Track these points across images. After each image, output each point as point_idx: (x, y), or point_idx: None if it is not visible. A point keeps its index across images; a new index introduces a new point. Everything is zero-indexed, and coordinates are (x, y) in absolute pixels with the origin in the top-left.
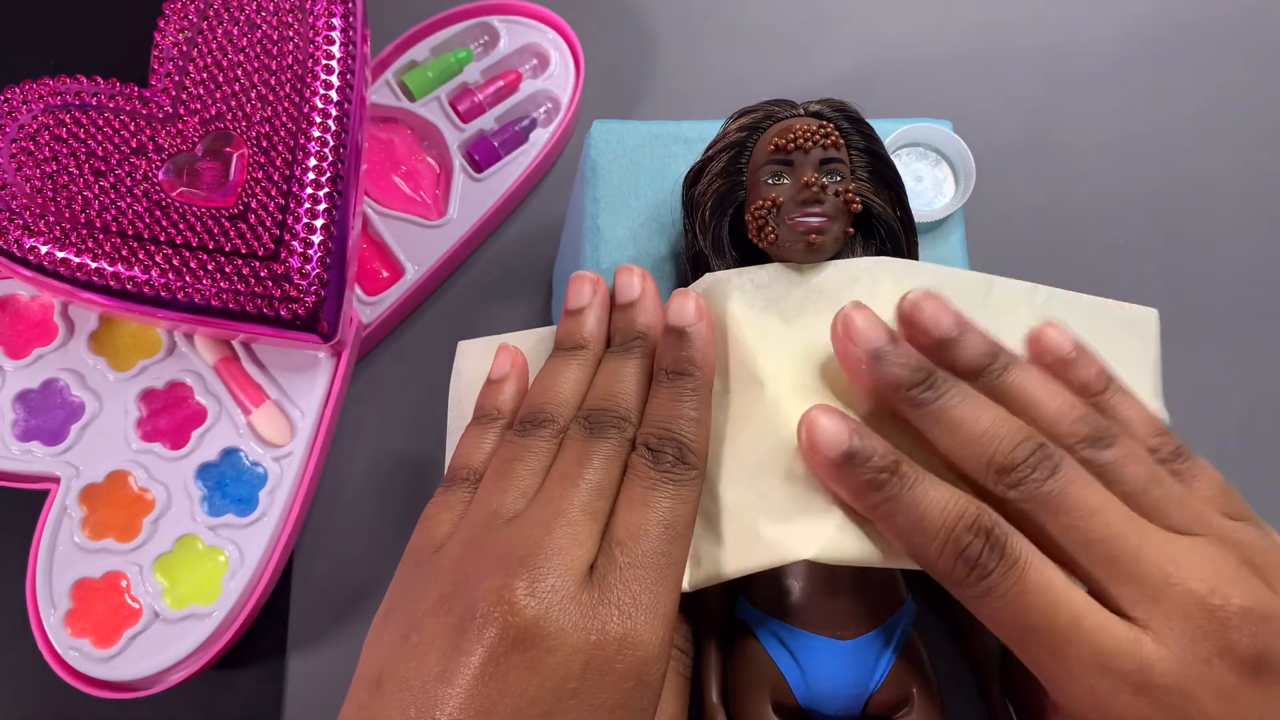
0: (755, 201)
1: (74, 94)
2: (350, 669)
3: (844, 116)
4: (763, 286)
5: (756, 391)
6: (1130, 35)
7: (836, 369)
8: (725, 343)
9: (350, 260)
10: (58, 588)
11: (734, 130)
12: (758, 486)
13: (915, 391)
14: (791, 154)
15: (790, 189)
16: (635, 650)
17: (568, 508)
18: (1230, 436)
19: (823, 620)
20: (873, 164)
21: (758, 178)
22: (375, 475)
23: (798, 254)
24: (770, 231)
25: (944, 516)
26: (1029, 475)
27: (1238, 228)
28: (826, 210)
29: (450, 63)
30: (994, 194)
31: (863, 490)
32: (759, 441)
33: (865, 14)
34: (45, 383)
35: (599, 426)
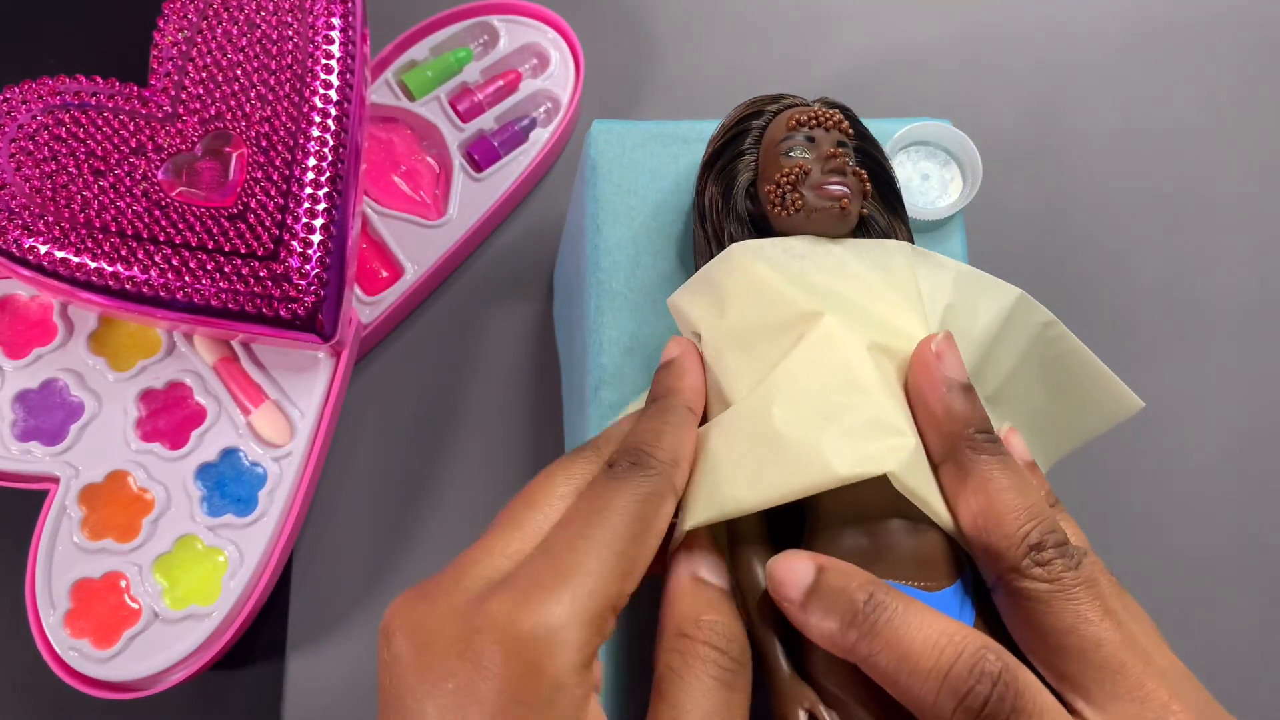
0: (779, 172)
1: (73, 94)
2: (350, 669)
3: (845, 114)
4: (797, 256)
5: (815, 324)
6: (1131, 35)
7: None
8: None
9: (350, 260)
10: (57, 588)
11: (744, 116)
12: (820, 403)
13: (982, 437)
14: (814, 130)
15: (815, 160)
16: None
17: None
18: (1230, 436)
19: (906, 566)
20: (865, 159)
21: (775, 153)
22: (375, 475)
23: (828, 220)
24: (797, 198)
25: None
26: (1058, 558)
27: (1238, 227)
28: (849, 184)
29: (450, 62)
30: (994, 194)
31: (966, 425)
32: (819, 370)
33: (865, 14)
34: (45, 383)
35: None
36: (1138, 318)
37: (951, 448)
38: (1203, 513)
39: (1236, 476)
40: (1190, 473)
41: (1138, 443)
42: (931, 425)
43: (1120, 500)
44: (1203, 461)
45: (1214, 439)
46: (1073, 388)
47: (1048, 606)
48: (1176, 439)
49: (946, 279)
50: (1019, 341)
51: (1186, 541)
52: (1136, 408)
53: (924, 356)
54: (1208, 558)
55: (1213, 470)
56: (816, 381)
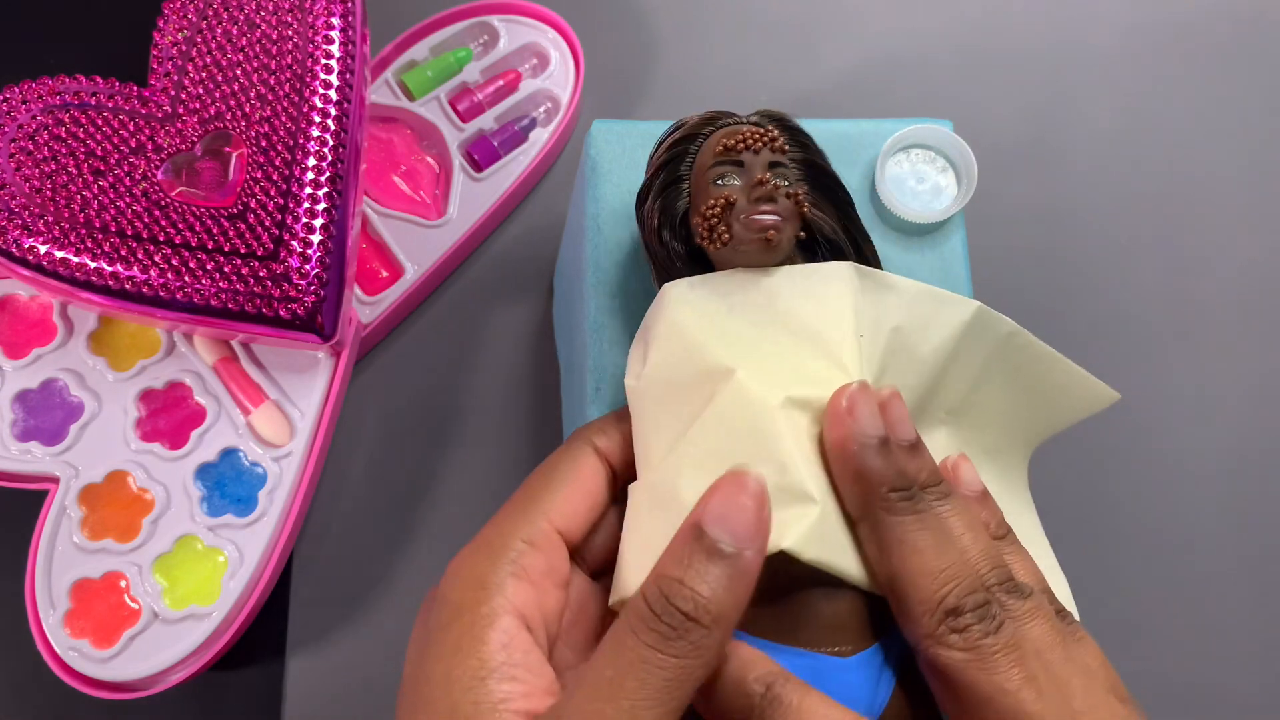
0: (705, 202)
1: (73, 93)
2: (350, 669)
3: (780, 126)
4: (725, 295)
5: (728, 381)
6: (1131, 35)
7: (812, 372)
8: (679, 342)
9: (349, 260)
10: (57, 588)
11: (676, 140)
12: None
13: (896, 496)
14: (742, 154)
15: (742, 188)
16: None
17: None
18: (1230, 436)
19: (818, 633)
20: (811, 174)
21: (704, 181)
22: (374, 475)
23: (753, 253)
24: (724, 231)
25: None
26: (976, 624)
27: (1238, 227)
28: (780, 210)
29: (450, 62)
30: (994, 194)
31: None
32: (729, 433)
33: (865, 14)
34: (44, 383)
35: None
36: (1137, 317)
37: (866, 508)
38: (1203, 512)
39: (1236, 476)
40: (1190, 472)
41: (1137, 443)
42: (845, 484)
43: (1120, 500)
44: (1202, 461)
45: (1214, 438)
46: (1044, 387)
47: (963, 676)
48: (1176, 439)
49: (893, 302)
50: (979, 353)
51: (1186, 541)
52: (1111, 399)
53: (835, 412)
54: (1208, 557)
55: (1213, 470)
56: (724, 447)
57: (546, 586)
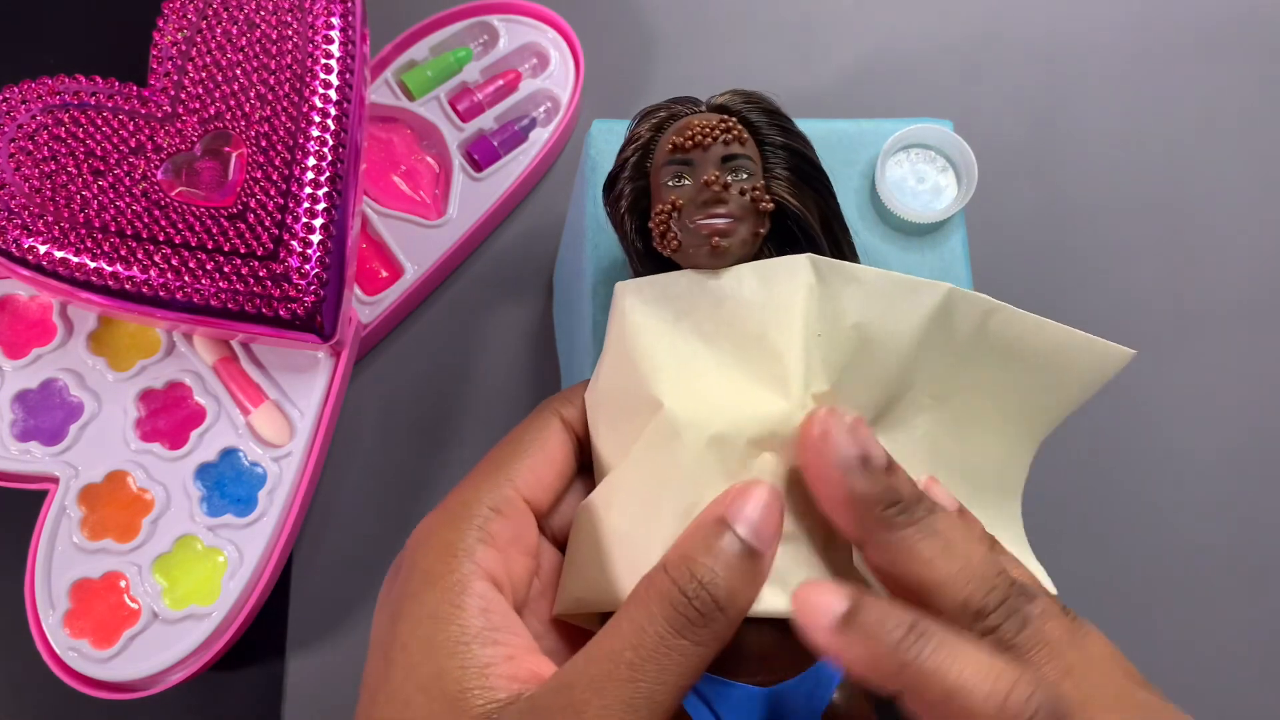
0: (655, 208)
1: (73, 93)
2: (350, 669)
3: (756, 109)
4: (673, 297)
5: (656, 414)
6: (1131, 35)
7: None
8: (624, 357)
9: (349, 260)
10: (56, 588)
11: (641, 131)
12: (649, 521)
13: (893, 512)
14: (690, 152)
15: (690, 190)
16: None
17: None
18: (1231, 436)
19: (741, 663)
20: (791, 160)
21: (657, 182)
22: (374, 475)
23: (702, 259)
24: (673, 237)
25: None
26: (1005, 621)
27: (1239, 227)
28: (731, 211)
29: (450, 62)
30: (994, 194)
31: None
32: (654, 470)
33: (865, 14)
34: (44, 383)
35: None
36: (1138, 317)
37: (866, 531)
38: (1203, 512)
39: (1237, 476)
40: (1191, 473)
41: (1137, 443)
42: (837, 512)
43: (1120, 500)
44: (1203, 462)
45: (1214, 439)
46: (1044, 362)
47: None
48: (1176, 439)
49: (854, 294)
50: (957, 336)
51: (1187, 541)
52: (1125, 358)
53: (810, 442)
54: (1208, 557)
55: (1213, 470)
56: (646, 486)
57: (513, 554)
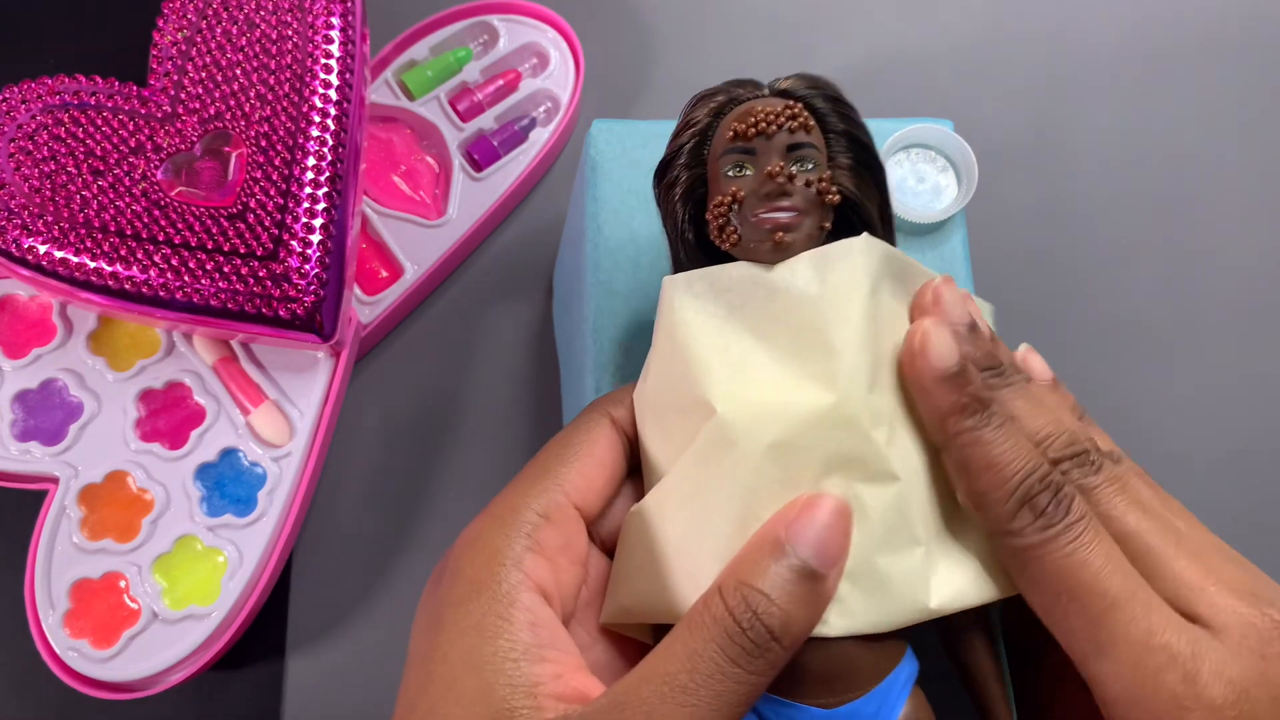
0: (714, 198)
1: (72, 93)
2: (350, 669)
3: (820, 94)
4: (724, 291)
5: (709, 419)
6: (1132, 35)
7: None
8: (674, 356)
9: (349, 260)
10: (56, 588)
11: (697, 116)
12: (702, 532)
13: (989, 373)
14: (753, 140)
15: (753, 181)
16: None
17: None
18: (1231, 436)
19: (803, 684)
20: (853, 149)
21: (718, 170)
22: (374, 475)
23: (763, 254)
24: (732, 231)
25: (1021, 464)
26: (1076, 468)
27: (1239, 227)
28: (796, 204)
29: (450, 62)
30: (995, 194)
31: (953, 413)
32: (708, 477)
33: (865, 13)
34: (44, 383)
35: None
36: (1138, 317)
37: (946, 437)
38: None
39: (1237, 476)
40: (1191, 473)
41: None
42: (929, 419)
43: None
44: (1203, 461)
45: (1214, 439)
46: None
47: (1106, 501)
48: (1177, 439)
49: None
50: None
51: None
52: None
53: (910, 348)
54: None
55: (1214, 470)
56: (700, 497)
57: (563, 563)
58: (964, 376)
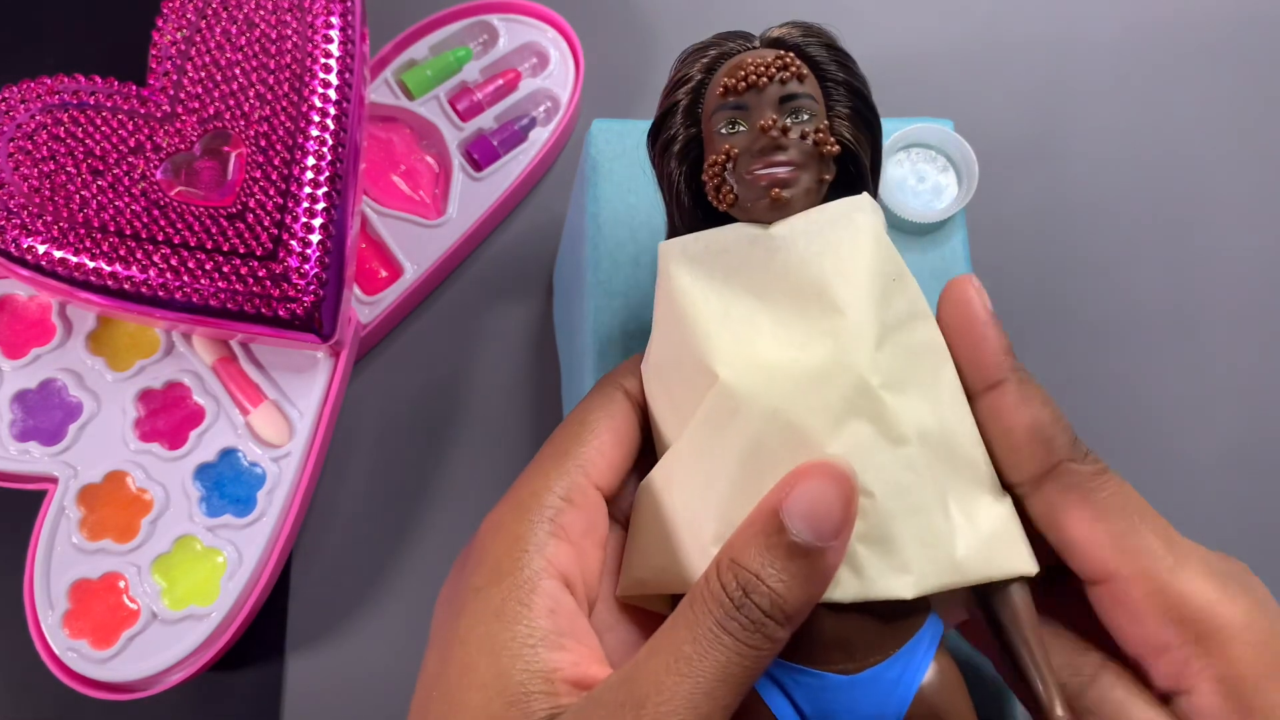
0: (708, 159)
1: (72, 93)
2: (350, 669)
3: (816, 42)
4: (720, 252)
5: (712, 385)
6: (1133, 34)
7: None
8: (674, 322)
9: (349, 260)
10: (55, 588)
11: (690, 72)
12: (707, 501)
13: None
14: (744, 95)
15: (746, 137)
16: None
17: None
18: (1231, 437)
19: (821, 650)
20: (853, 100)
21: (711, 128)
22: (374, 476)
23: (761, 213)
24: (728, 190)
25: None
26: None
27: (1240, 227)
28: (792, 158)
29: (449, 61)
30: (995, 194)
31: (1008, 352)
32: (713, 445)
33: (866, 14)
34: (43, 383)
35: None
36: (1139, 317)
37: (998, 375)
38: (1203, 514)
39: (1237, 476)
40: (1191, 472)
41: (1138, 442)
42: (974, 356)
43: None
44: (1203, 461)
45: (1214, 439)
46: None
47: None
48: (1177, 439)
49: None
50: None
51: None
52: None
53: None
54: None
55: (1213, 470)
56: (705, 465)
57: (586, 546)
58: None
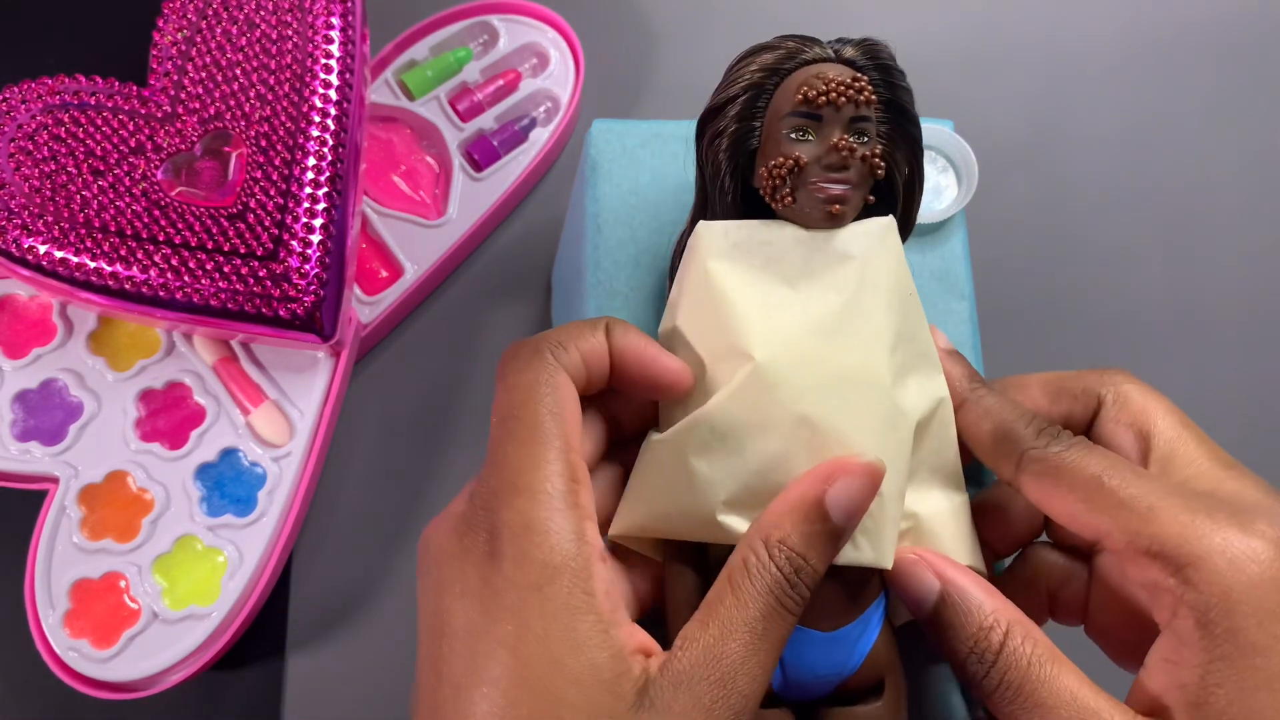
0: (774, 157)
1: (73, 93)
2: (350, 669)
3: (875, 65)
4: (764, 243)
5: (746, 364)
6: (1132, 34)
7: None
8: (709, 300)
9: (349, 260)
10: (56, 588)
11: (752, 69)
12: (727, 465)
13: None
14: (822, 109)
15: (816, 149)
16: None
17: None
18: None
19: (809, 611)
20: (896, 119)
21: (778, 129)
22: (374, 475)
23: (816, 221)
24: (787, 194)
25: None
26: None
27: (1240, 227)
28: (851, 178)
29: (450, 62)
30: (995, 194)
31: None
32: (745, 419)
33: (866, 14)
34: (44, 383)
35: None
36: (1138, 317)
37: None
38: None
39: None
40: None
41: None
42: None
43: None
44: None
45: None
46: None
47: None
48: None
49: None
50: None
51: None
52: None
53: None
54: None
55: None
56: (738, 436)
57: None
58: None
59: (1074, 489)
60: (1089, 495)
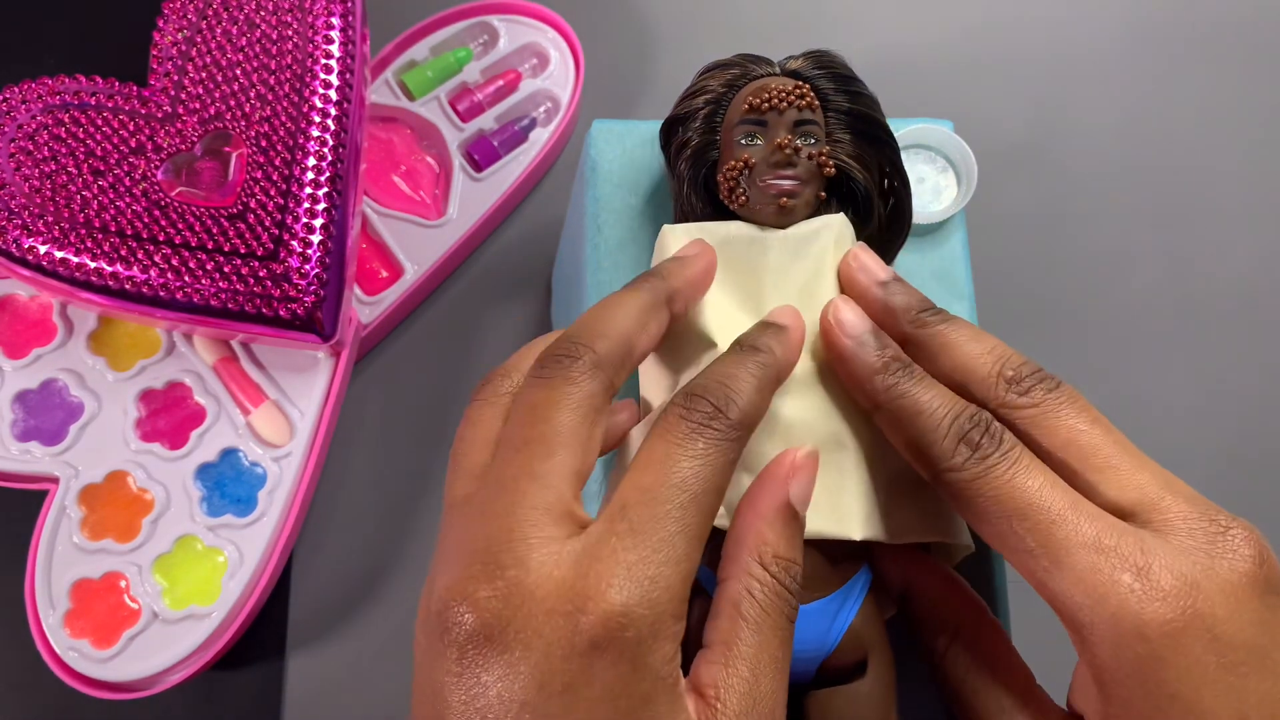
0: (727, 162)
1: (73, 93)
2: (350, 669)
3: (827, 74)
4: (723, 242)
5: (709, 349)
6: (1132, 35)
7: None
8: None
9: (349, 260)
10: (56, 588)
11: (711, 84)
12: None
13: (926, 315)
14: (765, 114)
15: (763, 150)
16: (623, 631)
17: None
18: (1230, 437)
19: None
20: (855, 124)
21: (731, 137)
22: (374, 475)
23: (768, 217)
24: (741, 193)
25: (948, 407)
26: (1037, 384)
27: (1238, 227)
28: (799, 174)
29: (450, 62)
30: (995, 194)
31: (875, 372)
32: None
33: (865, 14)
34: (44, 383)
35: (551, 363)
36: (1137, 317)
37: (908, 335)
38: None
39: (1237, 476)
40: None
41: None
42: (858, 385)
43: None
44: (1202, 460)
45: (1214, 438)
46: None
47: (1041, 428)
48: (1176, 438)
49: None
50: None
51: None
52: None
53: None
54: None
55: (1213, 469)
56: None
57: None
58: (879, 340)
59: (984, 521)
60: (998, 533)
